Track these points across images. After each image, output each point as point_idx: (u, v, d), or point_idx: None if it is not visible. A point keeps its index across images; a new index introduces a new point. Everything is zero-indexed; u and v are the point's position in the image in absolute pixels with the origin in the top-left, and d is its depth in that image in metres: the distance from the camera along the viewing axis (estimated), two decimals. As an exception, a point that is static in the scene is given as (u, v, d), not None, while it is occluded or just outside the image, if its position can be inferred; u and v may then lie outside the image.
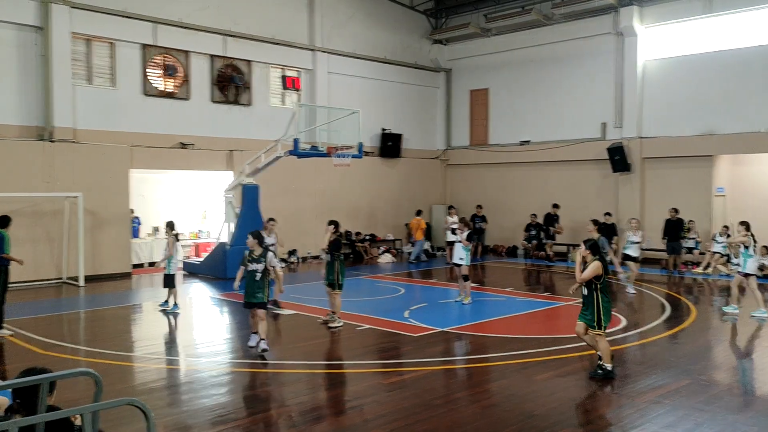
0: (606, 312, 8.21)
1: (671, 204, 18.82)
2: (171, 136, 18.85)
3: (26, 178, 15.95)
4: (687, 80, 19.78)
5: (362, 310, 12.72)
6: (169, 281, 12.99)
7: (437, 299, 14.28)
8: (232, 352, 10.00)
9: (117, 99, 17.91)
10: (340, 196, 22.41)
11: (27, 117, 16.43)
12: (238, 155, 19.68)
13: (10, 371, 8.47)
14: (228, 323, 12.50)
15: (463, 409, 7.24)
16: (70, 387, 7.52)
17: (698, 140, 19.48)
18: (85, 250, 16.36)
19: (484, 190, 24.69)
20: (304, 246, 21.33)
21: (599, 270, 8.13)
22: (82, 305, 14.04)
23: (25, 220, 15.79)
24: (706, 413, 6.96)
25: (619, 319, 11.81)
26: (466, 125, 25.64)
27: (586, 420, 6.89)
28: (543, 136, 23.08)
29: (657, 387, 7.88)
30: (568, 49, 22.37)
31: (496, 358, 9.14)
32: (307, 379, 8.49)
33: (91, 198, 16.68)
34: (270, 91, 21.35)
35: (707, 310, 13.09)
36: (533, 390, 7.82)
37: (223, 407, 7.30)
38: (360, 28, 23.51)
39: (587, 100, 21.99)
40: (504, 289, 15.49)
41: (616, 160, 20.61)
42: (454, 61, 25.84)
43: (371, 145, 23.36)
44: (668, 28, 20.32)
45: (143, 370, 8.98)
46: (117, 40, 17.84)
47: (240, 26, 20.22)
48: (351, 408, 7.42)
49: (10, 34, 16.16)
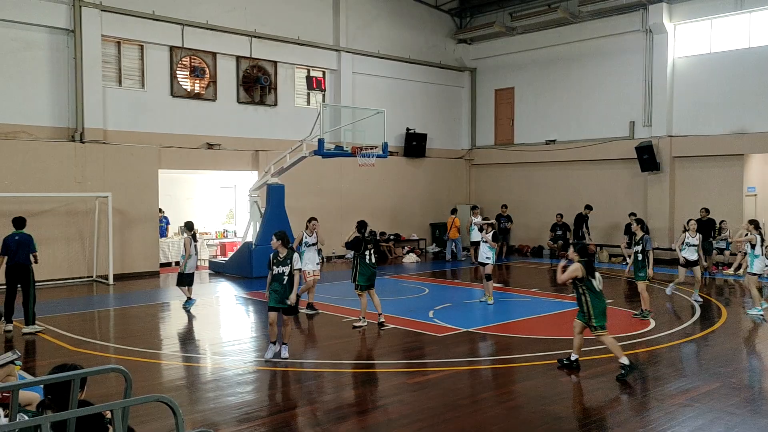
0: (598, 312, 8.33)
1: (701, 204, 18.51)
2: (198, 137, 19.08)
3: (59, 179, 16.28)
4: (718, 78, 19.44)
5: (387, 309, 12.70)
6: (183, 280, 13.17)
7: (462, 299, 14.24)
8: (257, 351, 10.07)
9: (146, 100, 18.18)
10: (365, 196, 22.45)
11: (59, 119, 16.77)
12: (263, 155, 19.84)
13: (42, 367, 8.66)
14: (253, 322, 12.60)
15: (488, 410, 7.21)
16: (101, 383, 7.66)
17: (729, 139, 19.14)
18: (115, 249, 16.63)
19: (509, 190, 24.53)
20: (328, 245, 21.35)
21: (578, 272, 8.26)
22: (111, 303, 14.28)
23: (58, 219, 16.12)
24: (737, 417, 6.83)
25: (648, 321, 11.66)
26: (491, 125, 25.50)
27: (613, 423, 6.80)
28: (569, 136, 22.86)
29: (687, 390, 7.75)
30: (595, 47, 22.13)
31: (521, 359, 9.08)
32: (332, 378, 8.52)
33: (121, 198, 16.96)
34: (295, 92, 21.47)
35: (738, 311, 12.84)
36: (559, 392, 7.74)
37: (248, 405, 7.37)
38: (385, 28, 23.53)
39: (615, 98, 21.72)
40: (529, 289, 15.38)
41: (644, 159, 20.32)
42: (479, 61, 25.71)
43: (396, 145, 23.36)
44: (698, 25, 19.98)
45: (171, 367, 9.10)
46: (146, 43, 18.12)
47: (266, 27, 20.38)
48: (375, 407, 7.43)
49: (42, 38, 16.50)
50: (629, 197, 21.29)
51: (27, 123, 16.22)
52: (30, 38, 16.28)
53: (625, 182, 21.57)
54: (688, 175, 20.27)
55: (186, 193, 21.56)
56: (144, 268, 17.70)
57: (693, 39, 20.13)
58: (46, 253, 15.27)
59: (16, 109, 16.07)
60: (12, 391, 3.13)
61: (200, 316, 12.77)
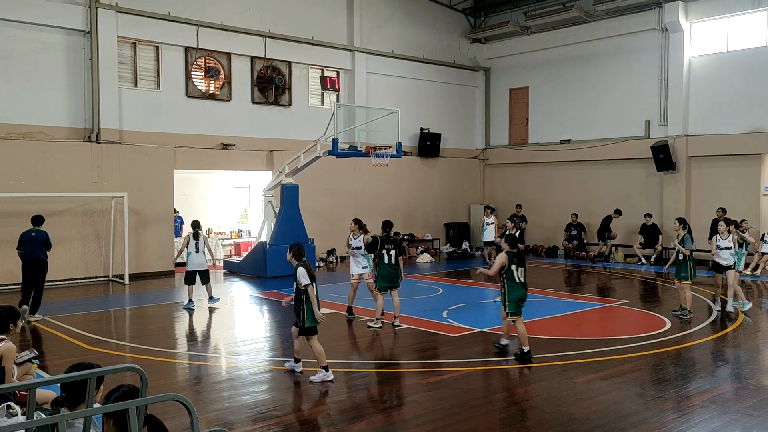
0: (511, 300, 9.06)
1: (717, 204, 18.31)
2: (212, 137, 19.18)
3: (75, 179, 16.43)
4: (735, 76, 19.23)
5: (401, 309, 12.71)
6: (185, 278, 13.49)
7: (476, 299, 14.20)
8: (271, 350, 10.11)
9: (161, 101, 18.30)
10: (379, 196, 22.46)
11: (75, 119, 16.93)
12: (277, 155, 19.90)
13: (59, 366, 8.74)
14: (267, 321, 12.65)
15: (502, 410, 7.18)
16: (117, 382, 7.72)
17: (746, 138, 18.93)
18: (130, 249, 16.76)
19: (523, 190, 24.42)
20: (342, 245, 21.39)
21: (504, 261, 9.09)
22: (127, 302, 14.40)
23: (75, 219, 16.29)
24: (755, 419, 6.75)
25: (664, 321, 11.57)
26: (506, 124, 25.40)
27: (628, 424, 6.75)
28: (584, 135, 22.73)
29: (703, 391, 7.68)
30: (611, 46, 21.97)
31: (535, 360, 9.03)
32: (346, 378, 8.53)
33: (136, 198, 17.08)
34: (309, 92, 21.52)
35: (755, 312, 12.70)
36: (574, 392, 7.70)
37: (263, 404, 7.39)
38: (399, 28, 23.51)
39: (630, 97, 21.56)
40: (544, 289, 15.30)
41: (660, 158, 20.14)
42: (494, 60, 25.62)
43: (410, 145, 23.35)
44: (715, 23, 19.78)
45: (186, 366, 9.16)
46: (161, 43, 18.24)
47: (280, 28, 20.44)
48: (389, 407, 7.43)
49: (59, 39, 16.66)
50: (644, 197, 21.12)
51: (43, 124, 16.39)
52: (46, 39, 16.45)
53: (641, 182, 21.40)
54: (704, 175, 20.07)
55: (201, 193, 21.69)
56: (159, 268, 17.82)
57: (709, 37, 19.93)
58: (63, 252, 15.43)
59: (32, 110, 16.24)
60: (29, 390, 3.16)
61: (215, 315, 12.84)
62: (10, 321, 6.41)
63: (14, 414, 5.10)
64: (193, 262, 13.39)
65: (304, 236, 17.34)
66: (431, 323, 11.58)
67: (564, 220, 22.15)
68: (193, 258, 13.38)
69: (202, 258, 13.45)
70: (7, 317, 6.40)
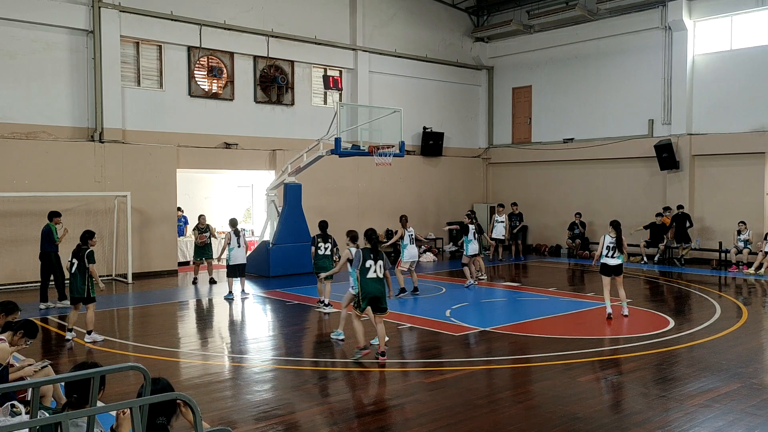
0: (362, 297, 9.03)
1: (721, 203, 18.29)
2: (215, 137, 19.19)
3: (79, 178, 16.47)
4: (739, 75, 19.17)
5: (404, 308, 12.73)
6: (228, 271, 14.33)
7: (479, 298, 14.20)
8: (275, 349, 10.12)
9: (164, 100, 18.32)
10: (382, 195, 22.46)
11: (78, 119, 16.95)
12: (280, 155, 19.91)
13: (63, 366, 8.77)
14: (270, 321, 12.66)
15: (505, 409, 7.18)
16: (120, 381, 7.75)
17: (750, 137, 18.87)
18: (134, 248, 16.79)
19: (526, 189, 24.40)
20: (342, 244, 21.41)
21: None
22: (130, 302, 14.43)
23: (79, 218, 16.27)
24: (758, 418, 6.74)
25: (667, 320, 11.55)
26: (509, 123, 25.38)
27: (631, 423, 6.74)
28: (587, 134, 22.69)
29: (706, 390, 7.66)
30: (614, 44, 21.93)
31: (538, 359, 9.03)
32: (349, 378, 8.54)
33: (140, 197, 17.11)
34: (312, 91, 21.52)
35: (759, 311, 12.67)
36: (577, 392, 7.69)
37: (266, 403, 7.40)
38: (401, 27, 23.50)
39: (633, 96, 21.52)
40: (547, 288, 15.29)
41: (664, 157, 20.09)
42: (497, 59, 25.59)
43: (413, 144, 23.34)
44: (719, 22, 19.72)
45: (189, 365, 9.17)
46: (164, 43, 18.25)
47: (283, 27, 20.44)
48: (392, 407, 7.43)
49: (62, 39, 16.69)
50: (648, 196, 21.08)
51: (47, 123, 16.42)
52: (50, 39, 16.47)
53: (644, 181, 21.36)
54: (707, 174, 20.02)
55: (204, 192, 21.70)
56: (163, 267, 17.85)
57: (713, 36, 19.87)
58: (67, 251, 15.41)
59: (36, 110, 16.28)
60: (33, 389, 3.16)
61: (218, 314, 12.86)
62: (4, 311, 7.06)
63: (18, 413, 5.12)
64: (237, 256, 14.21)
65: (307, 235, 17.33)
66: (434, 322, 11.58)
67: (567, 219, 22.12)
68: (236, 252, 14.21)
69: (244, 252, 14.38)
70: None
